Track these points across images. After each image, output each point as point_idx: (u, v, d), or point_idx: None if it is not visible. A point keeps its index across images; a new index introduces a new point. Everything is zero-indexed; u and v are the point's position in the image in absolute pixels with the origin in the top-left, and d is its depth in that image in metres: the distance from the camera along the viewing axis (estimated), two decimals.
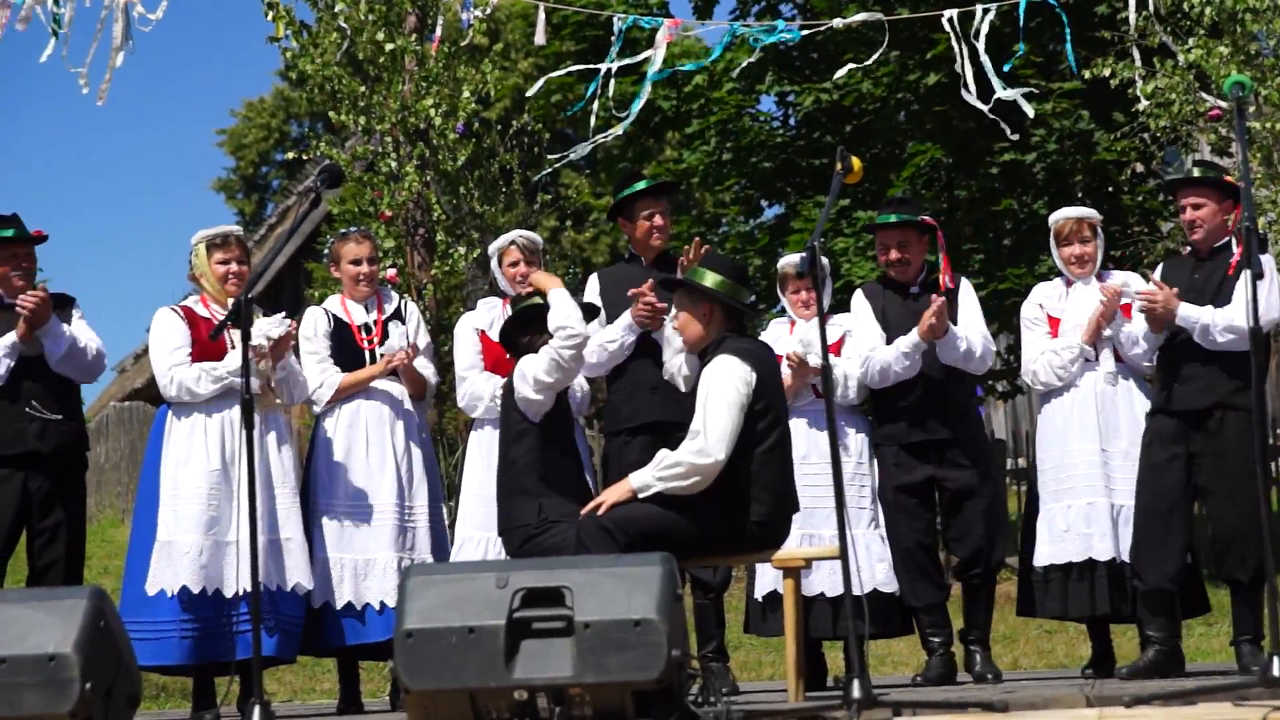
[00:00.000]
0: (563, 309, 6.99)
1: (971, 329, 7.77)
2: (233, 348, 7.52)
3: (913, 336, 7.66)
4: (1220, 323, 7.16)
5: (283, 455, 7.61)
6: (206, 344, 7.56)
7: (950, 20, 9.75)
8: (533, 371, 6.93)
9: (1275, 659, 5.00)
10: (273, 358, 7.51)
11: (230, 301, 7.43)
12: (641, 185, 7.85)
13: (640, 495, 6.59)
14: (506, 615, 4.99)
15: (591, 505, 6.64)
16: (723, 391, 6.56)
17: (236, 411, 7.50)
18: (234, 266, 7.71)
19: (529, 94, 12.04)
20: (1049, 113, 14.46)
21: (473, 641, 4.98)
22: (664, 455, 6.62)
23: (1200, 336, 7.21)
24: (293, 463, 7.66)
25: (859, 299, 8.01)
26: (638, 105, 9.80)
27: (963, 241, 14.48)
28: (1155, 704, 5.14)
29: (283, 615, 7.51)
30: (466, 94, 12.82)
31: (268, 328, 7.48)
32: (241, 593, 7.36)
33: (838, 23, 10.52)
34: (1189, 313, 7.24)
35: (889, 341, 7.77)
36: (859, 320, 7.93)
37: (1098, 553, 7.60)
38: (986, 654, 7.81)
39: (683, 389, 7.05)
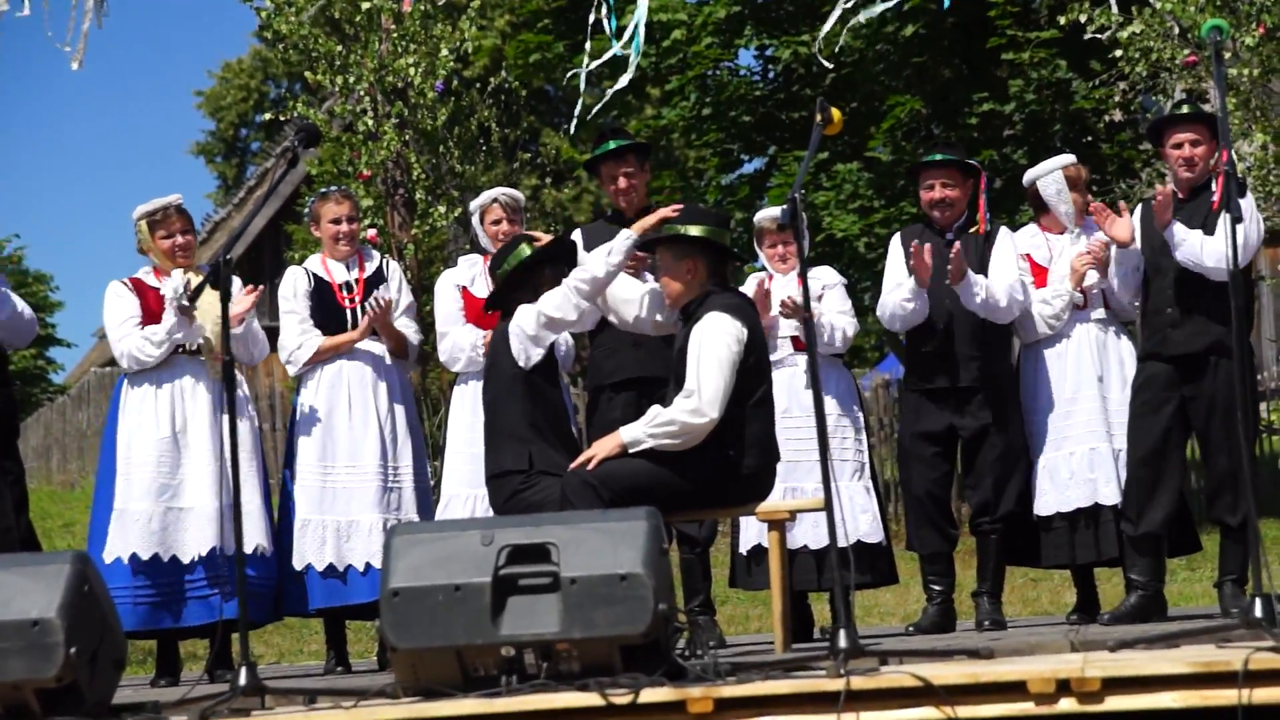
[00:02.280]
0: (600, 260, 6.93)
1: (999, 278, 7.61)
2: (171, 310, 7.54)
3: (911, 281, 7.62)
4: (1207, 247, 7.12)
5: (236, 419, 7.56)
6: (155, 313, 7.62)
7: None
8: (539, 308, 6.87)
9: (1258, 600, 5.02)
10: (233, 323, 7.51)
11: (175, 273, 7.61)
12: (610, 146, 7.83)
13: (630, 450, 6.59)
14: (492, 572, 4.99)
15: (582, 459, 6.63)
16: (716, 349, 6.55)
17: (188, 380, 7.63)
18: (178, 239, 7.73)
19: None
20: (1026, 62, 14.44)
21: (459, 599, 4.98)
22: (656, 411, 6.61)
23: (1185, 253, 7.17)
24: (246, 427, 7.61)
25: (895, 241, 7.92)
26: (635, 57, 9.67)
27: None
28: (1139, 648, 5.15)
29: (245, 578, 7.47)
30: (445, 52, 12.76)
31: (234, 304, 7.47)
32: (197, 558, 7.49)
33: None
34: (1180, 231, 7.17)
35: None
36: (890, 261, 7.88)
37: (1103, 497, 7.58)
38: (992, 604, 7.70)
39: (660, 320, 6.99)
